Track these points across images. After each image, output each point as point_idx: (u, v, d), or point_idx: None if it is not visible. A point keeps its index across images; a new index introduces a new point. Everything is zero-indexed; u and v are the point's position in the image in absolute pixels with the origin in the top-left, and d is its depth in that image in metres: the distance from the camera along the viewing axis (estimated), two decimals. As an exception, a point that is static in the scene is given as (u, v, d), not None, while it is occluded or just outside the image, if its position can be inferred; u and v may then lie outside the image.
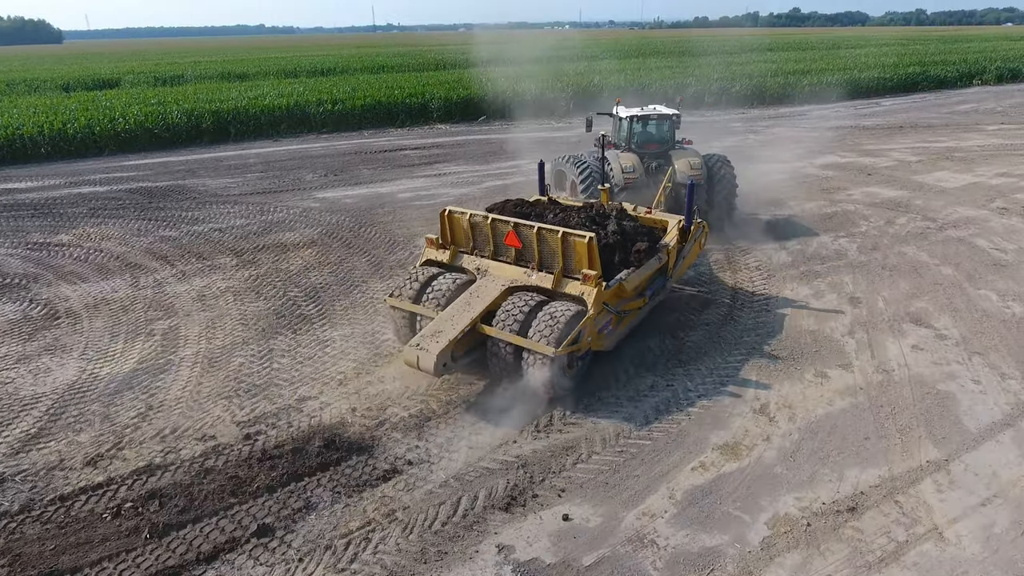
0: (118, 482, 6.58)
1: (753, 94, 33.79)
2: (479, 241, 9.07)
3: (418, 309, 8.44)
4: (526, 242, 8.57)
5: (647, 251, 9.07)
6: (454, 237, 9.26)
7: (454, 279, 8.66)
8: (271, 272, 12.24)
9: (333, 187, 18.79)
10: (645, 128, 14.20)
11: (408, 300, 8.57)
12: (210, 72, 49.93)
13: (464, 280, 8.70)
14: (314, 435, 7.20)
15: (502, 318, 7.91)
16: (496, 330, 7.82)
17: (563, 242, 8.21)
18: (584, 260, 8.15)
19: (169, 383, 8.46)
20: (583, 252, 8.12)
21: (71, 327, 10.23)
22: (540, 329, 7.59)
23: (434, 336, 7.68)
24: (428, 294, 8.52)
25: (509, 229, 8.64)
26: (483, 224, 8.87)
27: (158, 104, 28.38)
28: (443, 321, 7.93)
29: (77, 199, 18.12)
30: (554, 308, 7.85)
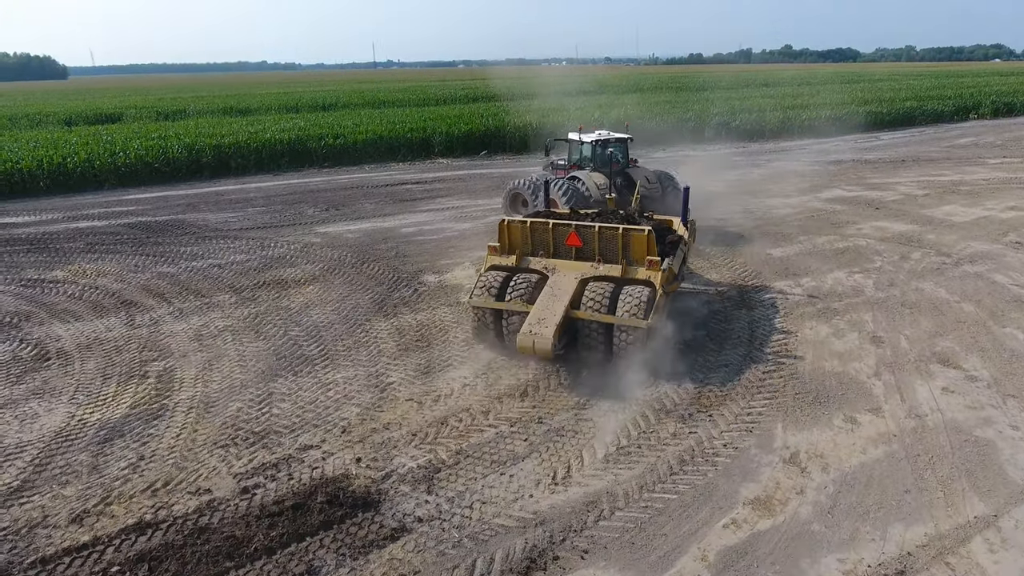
0: (105, 542, 6.09)
1: (753, 128, 33.92)
2: (537, 244, 10.27)
3: (505, 305, 9.48)
4: (587, 240, 9.90)
5: (676, 242, 10.71)
6: (511, 243, 10.34)
7: (529, 278, 9.74)
8: (271, 310, 11.85)
9: (335, 222, 18.53)
10: (605, 151, 15.79)
11: (493, 299, 9.57)
12: (212, 107, 50.27)
13: (538, 278, 9.76)
14: (316, 489, 6.73)
15: (588, 304, 9.14)
16: (588, 314, 9.05)
17: (623, 237, 9.64)
18: (643, 250, 9.61)
19: (162, 430, 8.01)
20: (642, 243, 9.60)
21: (62, 369, 9.80)
22: (627, 308, 8.91)
23: (540, 323, 8.82)
24: (511, 292, 9.55)
25: (571, 230, 9.97)
26: (544, 228, 10.10)
27: (159, 138, 28.33)
28: (541, 311, 9.06)
29: (74, 234, 17.82)
30: (632, 290, 9.20)
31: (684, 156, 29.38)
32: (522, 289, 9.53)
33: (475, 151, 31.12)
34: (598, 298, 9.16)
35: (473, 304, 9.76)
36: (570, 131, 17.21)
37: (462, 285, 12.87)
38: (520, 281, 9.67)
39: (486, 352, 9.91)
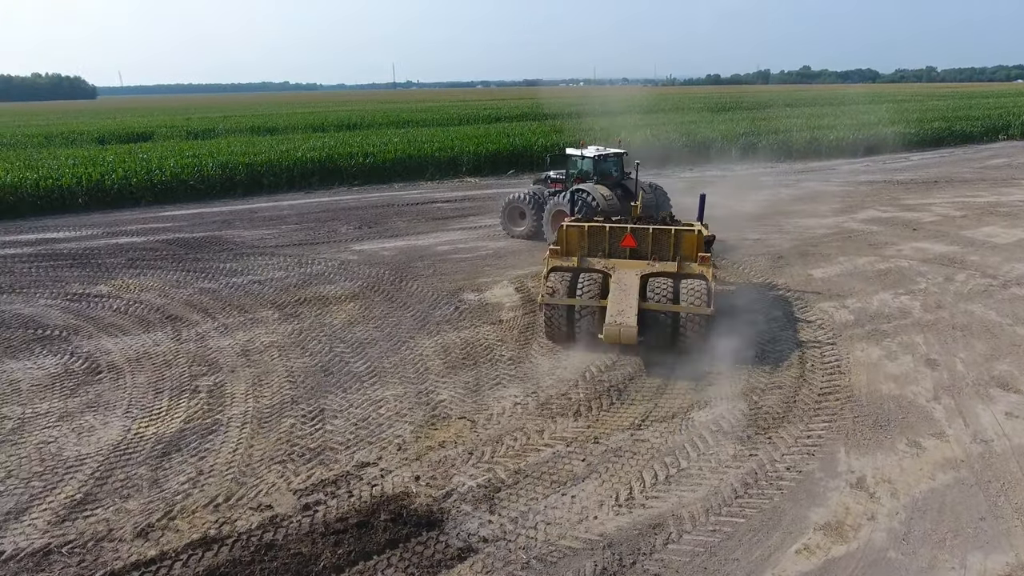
0: (172, 557, 6.09)
1: (779, 148, 33.79)
2: (595, 246, 11.31)
3: (578, 301, 10.32)
4: (641, 241, 11.13)
5: (711, 240, 11.61)
6: (569, 246, 11.33)
7: (595, 277, 10.67)
8: (315, 326, 11.91)
9: (369, 239, 18.66)
10: (606, 164, 16.82)
11: (566, 297, 10.39)
12: (240, 126, 51.16)
13: (601, 276, 10.69)
14: (379, 507, 6.70)
15: (655, 296, 10.21)
16: (657, 305, 10.11)
17: (676, 237, 11.03)
18: (694, 248, 11.00)
19: (218, 445, 8.03)
20: (693, 242, 11.04)
21: (113, 382, 9.89)
22: (690, 299, 10.08)
23: (621, 314, 9.70)
24: (580, 290, 10.41)
25: (627, 232, 11.22)
26: (600, 231, 11.28)
27: (193, 156, 28.83)
28: (618, 304, 9.94)
29: (115, 249, 18.10)
30: (692, 283, 10.40)
31: (712, 176, 29.35)
32: (591, 287, 10.48)
33: (502, 170, 31.31)
34: (662, 291, 10.31)
35: (547, 303, 10.49)
36: (568, 147, 18.42)
37: (502, 304, 12.87)
38: (588, 280, 10.60)
39: (534, 370, 9.88)
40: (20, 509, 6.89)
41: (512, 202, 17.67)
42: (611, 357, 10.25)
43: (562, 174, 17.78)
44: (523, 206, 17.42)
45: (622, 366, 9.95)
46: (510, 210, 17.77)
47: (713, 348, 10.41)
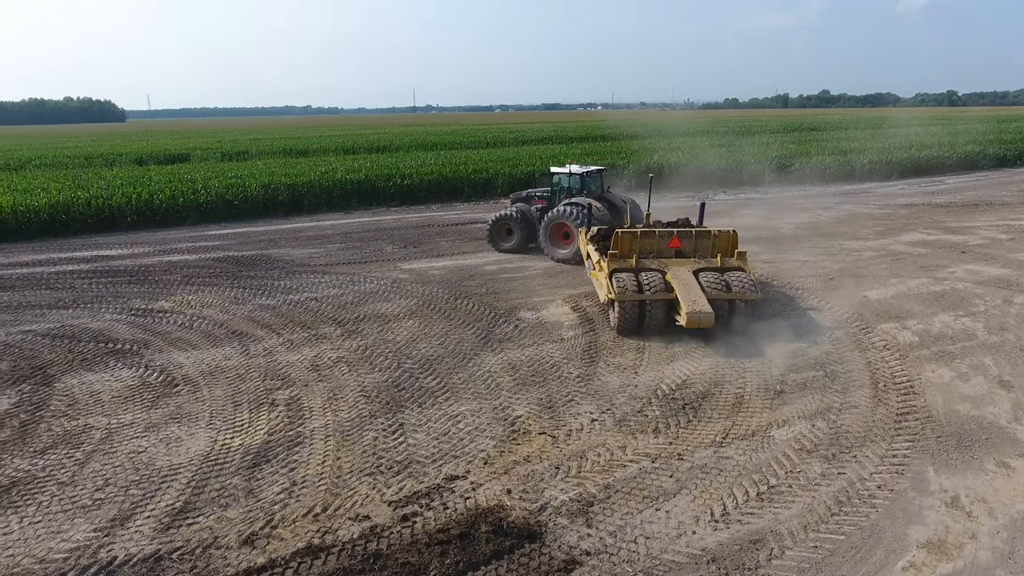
0: (282, 565, 6.20)
1: (812, 171, 33.81)
2: (645, 248, 12.89)
3: (648, 296, 11.75)
4: (686, 242, 13.01)
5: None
6: (622, 250, 12.72)
7: (656, 275, 12.10)
8: (378, 343, 12.09)
9: (416, 259, 18.92)
10: (590, 180, 18.75)
11: (637, 294, 11.74)
12: (272, 148, 52.26)
13: (660, 274, 12.16)
14: (477, 518, 6.78)
15: (711, 287, 11.83)
16: (715, 294, 11.73)
17: (716, 237, 13.06)
18: (731, 245, 13.05)
19: (306, 457, 8.18)
20: (729, 240, 13.09)
21: (191, 395, 10.11)
22: (739, 288, 11.87)
23: (695, 303, 11.25)
24: (646, 287, 11.81)
25: (674, 235, 13.05)
26: (651, 235, 13.00)
27: (235, 177, 29.48)
28: (688, 295, 11.44)
29: (169, 267, 18.52)
30: (736, 275, 12.24)
31: (746, 199, 29.43)
32: (655, 284, 11.90)
33: (536, 192, 31.58)
34: (715, 283, 11.94)
35: (621, 299, 11.72)
36: (552, 167, 20.58)
37: (561, 322, 12.97)
38: (652, 278, 12.03)
39: (605, 388, 9.95)
40: (124, 516, 7.06)
41: (500, 220, 19.01)
42: (681, 375, 10.30)
43: (544, 192, 19.39)
44: (511, 223, 18.86)
45: (693, 384, 10.00)
46: (498, 228, 19.16)
47: (780, 366, 10.44)
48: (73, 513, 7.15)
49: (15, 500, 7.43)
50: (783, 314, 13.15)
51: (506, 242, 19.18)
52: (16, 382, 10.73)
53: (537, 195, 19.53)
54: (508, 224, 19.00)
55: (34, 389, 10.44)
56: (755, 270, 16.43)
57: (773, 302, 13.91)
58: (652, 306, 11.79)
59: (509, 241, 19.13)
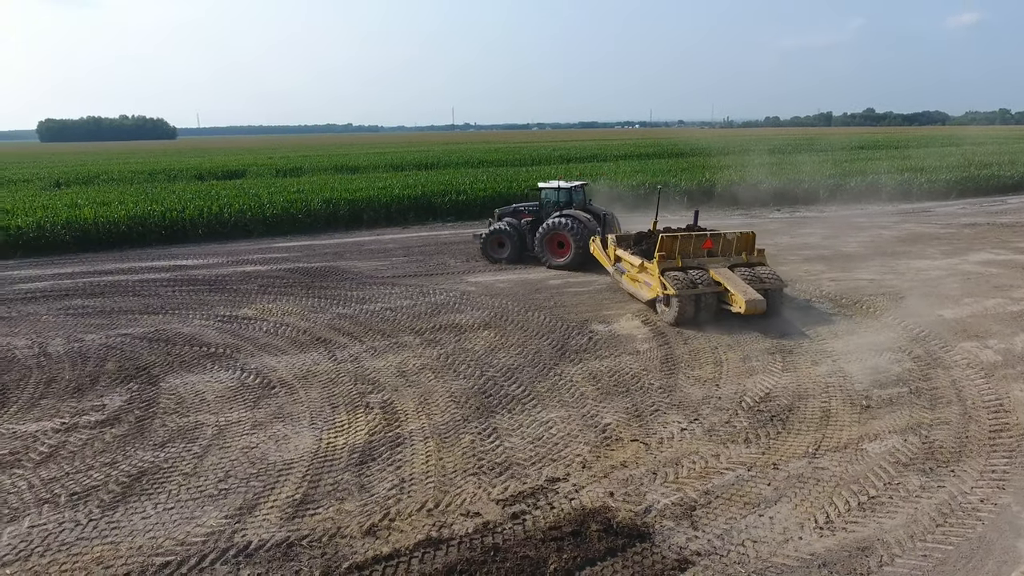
0: (406, 554, 6.56)
1: (868, 191, 33.42)
2: (684, 249, 14.30)
3: (701, 290, 13.42)
4: (716, 243, 14.60)
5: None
6: (667, 250, 14.16)
7: (700, 271, 13.81)
8: (458, 352, 12.49)
9: (480, 272, 19.37)
10: (578, 193, 20.49)
11: (692, 288, 13.37)
12: (324, 165, 53.76)
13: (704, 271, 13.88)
14: (587, 518, 7.05)
15: (745, 279, 13.69)
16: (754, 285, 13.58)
17: (740, 238, 14.75)
18: (749, 244, 14.78)
19: (410, 456, 8.56)
20: (749, 240, 14.82)
21: (289, 396, 10.63)
22: (769, 279, 13.87)
23: (746, 293, 13.07)
24: (698, 282, 13.49)
25: (707, 238, 14.64)
26: (688, 238, 14.48)
27: (298, 192, 30.56)
28: (737, 287, 13.30)
29: (243, 277, 19.33)
30: (762, 269, 14.28)
31: (802, 217, 29.26)
32: (706, 279, 13.62)
33: (587, 208, 31.88)
34: (750, 276, 13.78)
35: (680, 294, 13.26)
36: (540, 182, 22.12)
37: (634, 335, 13.20)
38: (701, 274, 13.71)
39: (688, 399, 10.15)
40: (250, 505, 7.52)
41: (493, 234, 20.49)
42: (763, 389, 10.44)
43: (531, 206, 21.10)
44: (504, 236, 20.29)
45: (776, 397, 10.12)
46: (490, 241, 20.56)
47: (863, 382, 10.49)
48: (202, 501, 7.65)
49: (146, 488, 7.97)
50: (857, 331, 13.15)
51: (499, 254, 20.45)
52: (124, 381, 11.43)
53: (525, 209, 21.08)
54: (501, 238, 20.33)
55: (142, 388, 11.10)
56: (821, 288, 16.47)
57: (846, 319, 13.92)
58: (704, 298, 13.43)
59: (502, 253, 20.41)
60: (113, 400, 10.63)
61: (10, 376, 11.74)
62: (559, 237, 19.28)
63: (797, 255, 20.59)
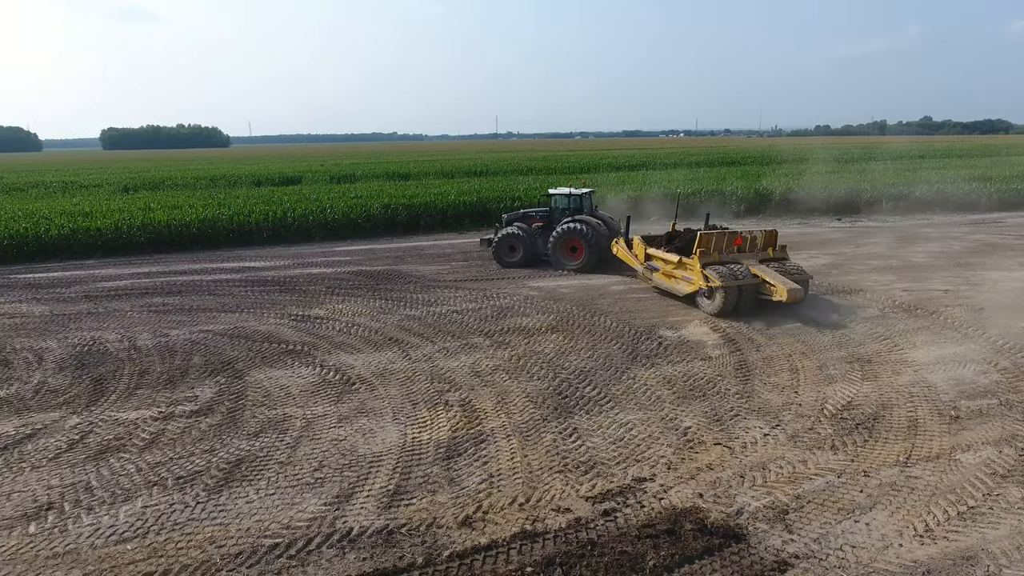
0: (503, 545, 6.72)
1: (933, 200, 32.43)
2: (718, 246, 15.35)
3: (743, 282, 14.48)
4: (745, 240, 15.72)
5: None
6: (707, 247, 15.22)
7: (739, 265, 14.93)
8: (528, 354, 12.65)
9: (541, 278, 19.53)
10: (585, 200, 21.29)
11: (737, 281, 14.44)
12: (376, 172, 54.87)
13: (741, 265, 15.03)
14: (678, 518, 7.10)
15: (778, 271, 14.86)
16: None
17: (765, 235, 16.04)
18: (776, 240, 16.02)
19: (494, 453, 8.74)
20: (774, 237, 16.10)
21: (369, 392, 10.95)
22: (795, 272, 15.04)
23: (785, 283, 14.11)
24: (740, 275, 14.57)
25: (738, 237, 15.72)
26: (721, 236, 15.59)
27: (357, 198, 31.31)
28: (775, 279, 14.35)
29: (310, 279, 19.92)
30: (790, 263, 15.59)
31: (864, 227, 28.59)
32: (744, 272, 14.70)
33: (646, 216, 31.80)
34: (779, 269, 15.00)
35: (726, 286, 14.30)
36: (550, 189, 22.96)
37: (704, 342, 13.16)
38: (740, 268, 14.82)
39: (767, 405, 10.08)
40: (346, 494, 7.80)
41: (505, 238, 21.19)
42: (844, 397, 10.30)
43: (541, 211, 21.98)
44: (515, 241, 21.09)
45: (859, 406, 9.97)
46: (502, 246, 21.27)
47: (949, 393, 10.25)
48: (300, 488, 7.96)
49: (246, 474, 8.34)
50: (937, 342, 12.83)
51: (511, 258, 21.19)
52: (211, 374, 11.94)
53: (535, 214, 21.95)
54: (513, 242, 21.13)
55: (229, 381, 11.58)
56: (894, 298, 16.12)
57: (923, 330, 13.59)
58: (745, 290, 14.47)
59: (513, 257, 21.15)
60: (204, 392, 11.13)
61: (105, 367, 12.39)
62: (572, 241, 20.09)
63: (864, 264, 20.16)
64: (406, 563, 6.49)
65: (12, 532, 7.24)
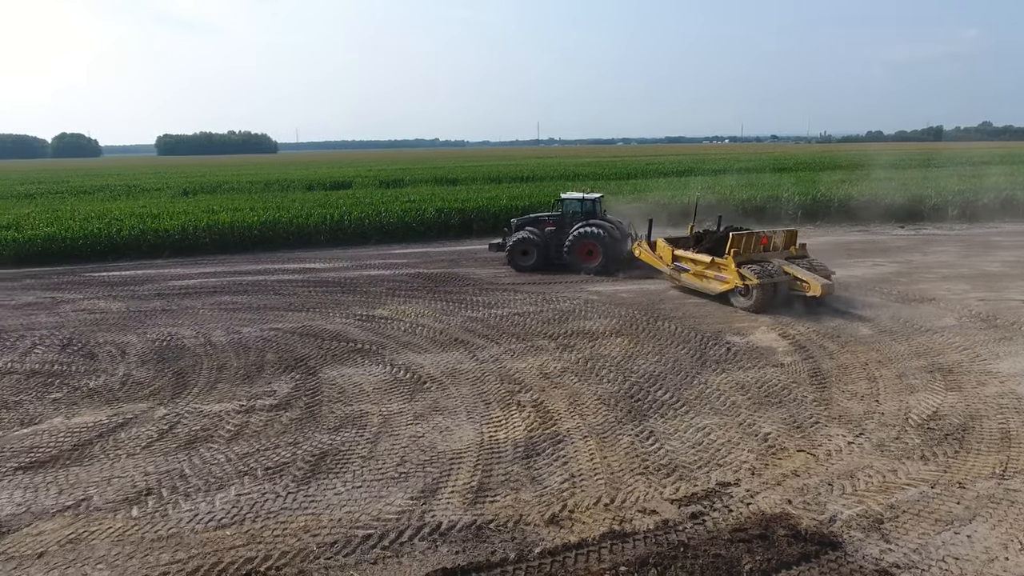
0: (594, 544, 6.73)
1: (1002, 208, 31.21)
2: (747, 246, 16.03)
3: (778, 280, 15.27)
4: (771, 240, 16.51)
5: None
6: (740, 247, 15.90)
7: (772, 263, 15.68)
8: (595, 357, 12.64)
9: (598, 282, 19.49)
10: (596, 204, 21.86)
11: (772, 278, 15.23)
12: (423, 177, 55.51)
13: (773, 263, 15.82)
14: (769, 523, 7.00)
15: (804, 269, 15.65)
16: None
17: (785, 235, 16.89)
18: (795, 239, 16.85)
19: (573, 453, 8.76)
20: (794, 236, 16.96)
21: (441, 391, 11.10)
22: (820, 268, 16.02)
23: (816, 279, 15.01)
24: (772, 273, 15.30)
25: (763, 237, 16.52)
26: (750, 236, 16.31)
27: (411, 202, 31.79)
28: (806, 276, 15.18)
29: (369, 280, 20.29)
30: (814, 260, 16.48)
31: (929, 235, 27.71)
32: (777, 270, 15.46)
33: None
34: (805, 266, 15.88)
35: (762, 283, 15.11)
36: (563, 193, 23.44)
37: (774, 348, 12.94)
38: (773, 266, 15.58)
39: (848, 413, 9.86)
40: (431, 489, 7.93)
41: (519, 242, 21.45)
42: (929, 407, 10.00)
43: (553, 216, 22.31)
44: (528, 245, 21.36)
45: (945, 416, 9.68)
46: (516, 250, 21.53)
47: (1042, 406, 9.88)
48: (385, 483, 8.12)
49: (331, 467, 8.55)
50: (1022, 354, 12.35)
51: (524, 262, 21.44)
52: (286, 371, 12.27)
53: (547, 219, 22.32)
54: (526, 246, 21.41)
55: (303, 377, 11.89)
56: (969, 307, 15.60)
57: (1005, 341, 13.10)
58: (779, 286, 15.27)
59: (527, 261, 21.42)
60: (280, 387, 11.45)
61: (184, 362, 12.86)
62: (588, 245, 20.61)
63: (934, 273, 19.53)
64: (499, 558, 6.56)
65: (117, 515, 7.58)
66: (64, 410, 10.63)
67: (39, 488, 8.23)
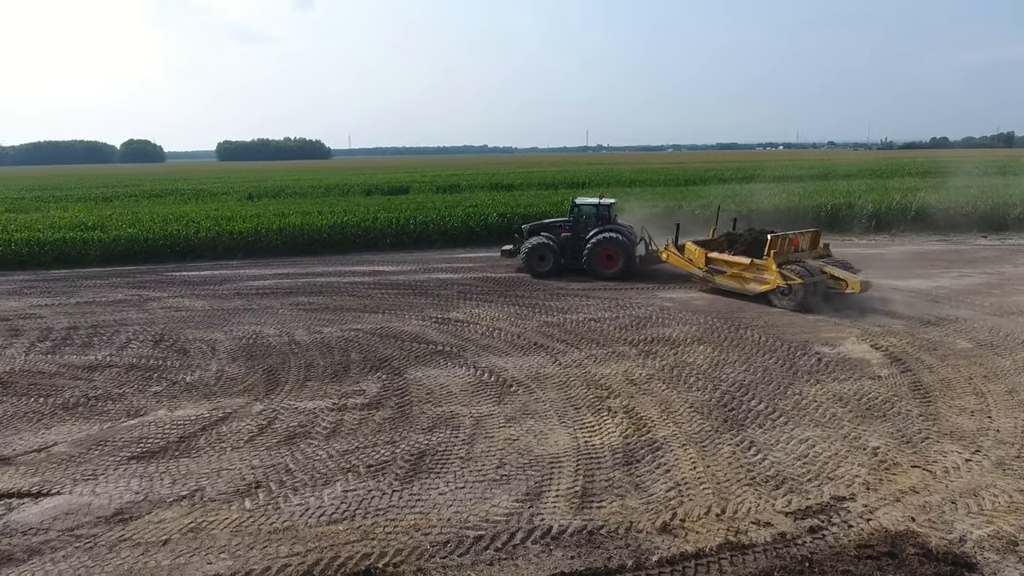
0: (712, 555, 6.59)
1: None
2: (782, 247, 16.77)
3: (818, 279, 15.87)
4: (801, 241, 17.28)
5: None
6: (778, 248, 16.62)
7: (810, 264, 16.40)
8: (680, 364, 12.43)
9: (669, 289, 19.20)
10: (609, 210, 21.85)
11: (812, 277, 15.85)
12: (479, 183, 55.88)
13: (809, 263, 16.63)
14: (896, 540, 6.73)
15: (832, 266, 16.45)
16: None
17: (812, 236, 17.79)
18: (819, 240, 17.91)
19: (673, 461, 8.61)
20: (818, 237, 18.00)
21: (528, 395, 11.08)
22: (843, 264, 16.80)
23: (851, 277, 15.83)
24: (813, 273, 15.99)
25: (793, 238, 17.18)
26: (784, 238, 16.94)
27: (473, 207, 32.04)
28: (841, 274, 16.00)
29: (439, 284, 20.48)
30: (840, 259, 17.36)
31: (1017, 244, 26.37)
32: (816, 269, 16.20)
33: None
34: (834, 263, 16.68)
35: (807, 282, 15.73)
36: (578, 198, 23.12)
37: (867, 360, 12.49)
38: (809, 265, 16.28)
39: (958, 429, 9.42)
40: (535, 492, 7.90)
41: (536, 248, 21.51)
42: (1049, 424, 9.47)
43: (564, 222, 22.47)
44: (545, 251, 21.46)
45: None
46: (532, 256, 21.53)
47: None
48: (487, 484, 8.13)
49: (431, 467, 8.62)
50: None
51: (541, 267, 21.53)
52: (372, 370, 12.46)
53: (561, 224, 22.51)
54: (543, 251, 21.52)
55: (390, 378, 12.05)
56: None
57: None
58: (819, 285, 15.88)
59: (544, 266, 21.49)
60: (369, 387, 11.62)
61: (272, 360, 13.19)
62: (608, 250, 20.81)
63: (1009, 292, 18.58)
64: (616, 564, 6.49)
65: (232, 506, 7.80)
66: (166, 403, 11.04)
67: (153, 477, 8.54)
